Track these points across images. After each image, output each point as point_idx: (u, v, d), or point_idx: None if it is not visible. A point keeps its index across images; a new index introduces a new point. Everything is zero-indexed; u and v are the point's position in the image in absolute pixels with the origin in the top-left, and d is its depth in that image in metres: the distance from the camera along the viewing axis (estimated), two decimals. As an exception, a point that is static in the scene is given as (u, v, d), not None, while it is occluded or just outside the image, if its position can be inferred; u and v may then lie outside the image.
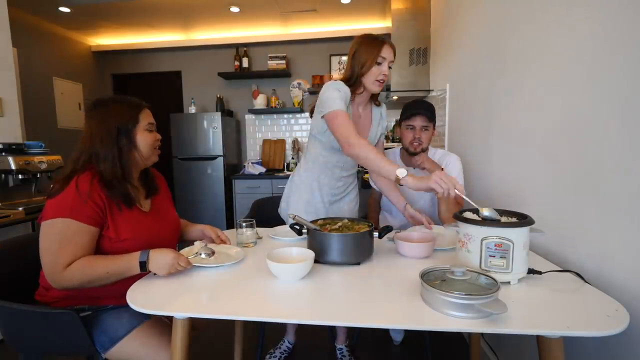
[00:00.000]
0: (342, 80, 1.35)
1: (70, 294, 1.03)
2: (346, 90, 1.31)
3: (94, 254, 1.00)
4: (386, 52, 1.30)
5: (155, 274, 0.97)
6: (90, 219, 0.97)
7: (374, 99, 1.48)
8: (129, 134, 1.06)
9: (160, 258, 0.96)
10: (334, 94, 1.27)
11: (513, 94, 1.44)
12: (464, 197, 1.03)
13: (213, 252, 1.08)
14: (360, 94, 1.39)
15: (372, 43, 1.31)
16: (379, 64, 1.31)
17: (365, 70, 1.31)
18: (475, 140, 1.88)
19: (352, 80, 1.34)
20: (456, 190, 1.00)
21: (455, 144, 2.22)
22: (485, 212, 0.93)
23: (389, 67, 1.33)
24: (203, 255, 1.06)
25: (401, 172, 1.08)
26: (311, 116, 1.44)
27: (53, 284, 0.96)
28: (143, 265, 0.96)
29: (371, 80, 1.32)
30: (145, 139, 1.09)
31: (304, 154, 1.55)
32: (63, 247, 0.94)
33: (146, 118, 1.10)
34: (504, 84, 1.53)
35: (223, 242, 1.23)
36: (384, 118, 1.53)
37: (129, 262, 0.96)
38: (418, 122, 1.55)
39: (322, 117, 1.30)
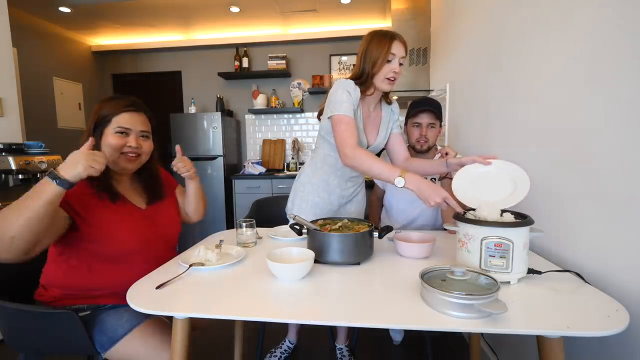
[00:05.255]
0: (352, 78, 1.31)
1: (70, 293, 1.03)
2: (357, 93, 1.28)
3: (93, 258, 1.02)
4: (396, 48, 1.25)
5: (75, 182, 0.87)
6: (64, 201, 0.90)
7: (385, 97, 1.45)
8: (100, 133, 1.05)
9: (69, 158, 0.87)
10: (344, 96, 1.24)
11: (512, 93, 1.44)
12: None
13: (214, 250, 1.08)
14: (371, 94, 1.35)
15: (382, 40, 1.25)
16: (389, 61, 1.26)
17: (377, 70, 1.26)
18: (474, 140, 1.88)
19: (363, 79, 1.30)
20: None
21: (455, 144, 2.22)
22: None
23: (400, 64, 1.28)
24: (208, 256, 1.07)
25: (399, 181, 1.09)
26: (319, 118, 1.42)
27: None
28: (54, 176, 0.83)
29: (381, 79, 1.28)
30: (109, 141, 1.04)
31: (311, 155, 1.52)
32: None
33: (120, 121, 1.06)
34: (503, 84, 1.52)
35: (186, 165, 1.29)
36: (396, 113, 1.47)
37: (39, 183, 0.84)
38: (425, 119, 1.53)
39: (329, 117, 1.27)
